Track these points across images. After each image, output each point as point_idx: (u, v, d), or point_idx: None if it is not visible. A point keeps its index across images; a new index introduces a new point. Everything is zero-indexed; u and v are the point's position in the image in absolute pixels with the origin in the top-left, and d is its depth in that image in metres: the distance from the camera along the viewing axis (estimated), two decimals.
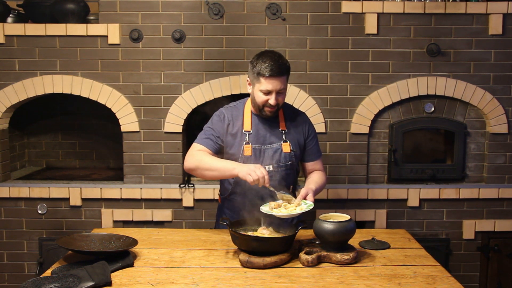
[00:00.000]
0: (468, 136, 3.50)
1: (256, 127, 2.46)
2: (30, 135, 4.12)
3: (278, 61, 2.33)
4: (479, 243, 3.54)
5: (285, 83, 2.38)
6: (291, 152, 2.47)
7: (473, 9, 3.37)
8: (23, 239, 3.51)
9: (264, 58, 2.34)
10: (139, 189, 3.45)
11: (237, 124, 2.46)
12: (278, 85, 2.34)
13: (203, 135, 2.48)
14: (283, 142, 2.46)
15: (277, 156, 2.44)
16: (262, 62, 2.33)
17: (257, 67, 2.34)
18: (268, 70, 2.31)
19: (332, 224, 2.11)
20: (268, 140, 2.46)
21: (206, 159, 2.39)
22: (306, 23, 3.39)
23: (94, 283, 1.85)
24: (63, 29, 3.36)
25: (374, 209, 3.49)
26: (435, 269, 2.08)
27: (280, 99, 2.38)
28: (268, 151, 2.44)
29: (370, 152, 3.50)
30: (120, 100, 3.42)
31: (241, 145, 2.43)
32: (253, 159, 2.41)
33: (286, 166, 2.47)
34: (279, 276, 1.99)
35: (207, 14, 3.38)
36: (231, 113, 2.49)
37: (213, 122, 2.50)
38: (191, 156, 2.44)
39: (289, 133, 2.49)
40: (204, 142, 2.46)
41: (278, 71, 2.32)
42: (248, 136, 2.44)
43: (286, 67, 2.37)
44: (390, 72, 3.43)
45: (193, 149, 2.47)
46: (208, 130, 2.49)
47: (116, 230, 2.59)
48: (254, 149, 2.42)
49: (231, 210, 2.56)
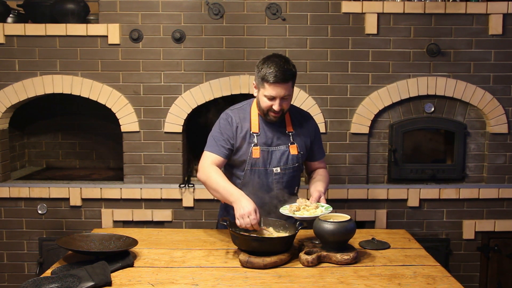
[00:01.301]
0: (468, 136, 3.50)
1: (263, 129, 2.44)
2: (30, 135, 4.12)
3: (284, 67, 2.28)
4: (479, 243, 3.54)
5: (290, 89, 2.33)
6: (299, 154, 2.46)
7: (473, 9, 3.37)
8: (23, 239, 3.50)
9: (269, 63, 2.29)
10: (139, 189, 3.45)
11: (245, 126, 2.43)
12: (282, 92, 2.29)
13: (213, 142, 2.42)
14: (290, 144, 2.44)
15: (285, 158, 2.43)
16: (267, 67, 2.28)
17: (262, 71, 2.30)
18: (272, 76, 2.26)
19: (332, 224, 2.11)
20: (276, 142, 2.44)
21: (214, 177, 2.33)
22: (306, 23, 3.38)
23: (94, 283, 1.85)
24: (63, 29, 3.36)
25: (374, 209, 3.49)
26: (435, 269, 2.08)
27: (284, 105, 2.34)
28: (276, 153, 2.43)
29: (370, 152, 3.50)
30: (120, 100, 3.42)
31: (249, 147, 2.41)
32: (261, 161, 2.40)
33: (293, 168, 2.46)
34: (279, 276, 1.99)
35: (207, 14, 3.38)
36: (238, 115, 2.45)
37: (221, 126, 2.44)
38: (203, 169, 2.39)
39: (296, 135, 2.47)
40: (215, 150, 2.40)
41: (282, 78, 2.27)
42: (256, 138, 2.41)
43: (292, 73, 2.31)
44: (390, 72, 3.43)
45: (205, 159, 2.41)
46: (217, 136, 2.43)
47: (116, 230, 2.59)
48: (262, 151, 2.41)
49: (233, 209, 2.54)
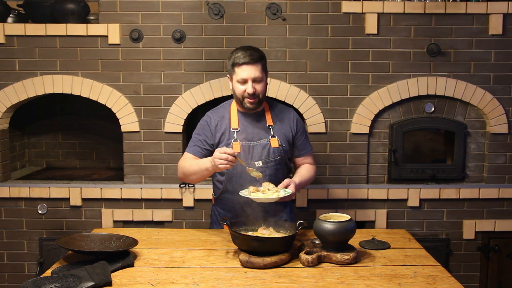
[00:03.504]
0: (468, 136, 3.50)
1: (243, 125, 2.50)
2: (30, 135, 4.12)
3: (250, 49, 2.42)
4: (479, 243, 3.54)
5: (261, 71, 2.42)
6: (280, 147, 2.50)
7: (473, 9, 3.37)
8: (23, 239, 3.50)
9: (237, 50, 2.46)
10: (139, 189, 3.45)
11: (225, 124, 2.51)
12: (253, 73, 2.39)
13: (191, 143, 2.56)
14: (271, 137, 2.49)
15: (266, 152, 2.47)
16: (235, 53, 2.43)
17: (231, 59, 2.44)
18: (241, 59, 2.39)
19: (332, 224, 2.11)
20: (257, 136, 2.49)
21: (187, 165, 2.45)
22: (306, 23, 3.38)
23: (94, 283, 1.85)
24: (63, 29, 3.36)
25: (374, 209, 3.49)
26: (435, 269, 2.08)
27: (257, 87, 2.42)
28: (257, 147, 2.47)
29: (370, 152, 3.50)
30: (120, 100, 3.42)
31: (229, 143, 2.46)
32: (242, 156, 2.44)
33: (275, 161, 2.49)
34: (279, 276, 1.99)
35: (207, 14, 3.38)
36: (218, 114, 2.55)
37: (199, 128, 2.56)
38: (178, 166, 2.53)
39: (277, 128, 2.53)
40: (192, 149, 2.54)
41: (250, 58, 2.39)
42: (236, 134, 2.47)
43: (259, 54, 2.44)
44: (390, 72, 3.43)
45: (181, 159, 2.54)
46: (195, 137, 2.56)
47: (116, 230, 2.59)
48: (243, 146, 2.46)
49: (224, 210, 2.59)
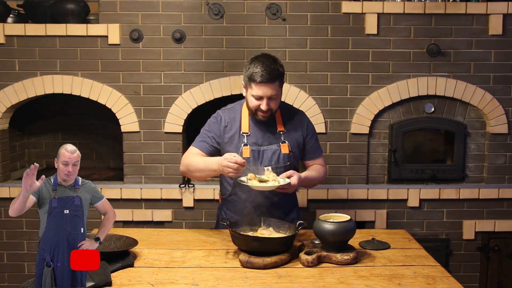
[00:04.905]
0: (468, 136, 3.50)
1: (254, 129, 2.45)
2: (30, 135, 4.11)
3: (270, 66, 2.29)
4: (479, 243, 3.54)
5: (278, 89, 2.34)
6: (290, 153, 2.46)
7: (473, 9, 3.37)
8: (23, 239, 3.50)
9: (256, 63, 2.31)
10: (139, 189, 3.45)
11: (235, 126, 2.45)
12: (269, 92, 2.31)
13: (199, 138, 2.50)
14: (281, 143, 2.45)
15: (276, 157, 2.44)
16: (254, 67, 2.31)
17: (249, 71, 2.33)
18: (258, 76, 2.28)
19: (332, 224, 2.11)
20: (267, 142, 2.45)
21: (193, 161, 2.41)
22: (306, 23, 3.38)
23: (94, 283, 1.85)
24: (63, 29, 3.36)
25: (374, 209, 3.49)
26: (435, 269, 2.08)
27: (272, 104, 2.35)
28: (267, 152, 2.43)
29: (370, 152, 3.50)
30: (120, 100, 3.42)
31: (239, 147, 2.42)
32: (252, 161, 2.41)
33: (285, 167, 2.46)
34: (279, 276, 1.99)
35: (207, 14, 3.38)
36: (229, 115, 2.48)
37: (209, 124, 2.51)
38: (182, 161, 2.49)
39: (288, 134, 2.48)
40: (199, 145, 2.48)
41: (268, 77, 2.28)
42: (246, 138, 2.43)
43: (278, 73, 2.32)
44: (390, 72, 3.43)
45: (187, 152, 2.50)
46: (203, 132, 2.51)
47: (116, 230, 2.58)
48: (253, 151, 2.42)
49: (231, 211, 2.55)
